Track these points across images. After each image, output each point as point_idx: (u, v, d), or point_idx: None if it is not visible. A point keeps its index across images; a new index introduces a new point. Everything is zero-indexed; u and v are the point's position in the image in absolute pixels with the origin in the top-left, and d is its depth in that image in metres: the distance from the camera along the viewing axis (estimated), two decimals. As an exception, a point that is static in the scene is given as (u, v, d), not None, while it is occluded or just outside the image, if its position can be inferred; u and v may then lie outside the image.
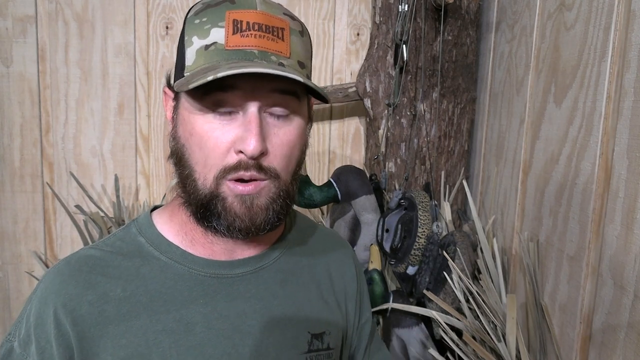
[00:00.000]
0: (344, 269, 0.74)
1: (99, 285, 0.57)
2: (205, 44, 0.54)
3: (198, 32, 0.55)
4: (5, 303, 1.37)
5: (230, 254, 0.63)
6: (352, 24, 1.37)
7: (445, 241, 1.09)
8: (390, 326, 1.12)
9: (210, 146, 0.55)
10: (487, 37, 1.26)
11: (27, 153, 1.33)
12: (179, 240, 0.62)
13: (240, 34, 0.53)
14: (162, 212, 0.66)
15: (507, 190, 1.10)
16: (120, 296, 0.57)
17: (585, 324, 0.79)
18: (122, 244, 0.62)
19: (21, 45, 1.30)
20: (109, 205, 1.36)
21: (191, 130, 0.56)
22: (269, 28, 0.55)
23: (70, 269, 0.58)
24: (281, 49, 0.55)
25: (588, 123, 0.80)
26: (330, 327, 0.67)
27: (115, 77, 1.34)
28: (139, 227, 0.63)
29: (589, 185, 0.79)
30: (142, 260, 0.60)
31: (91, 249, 0.61)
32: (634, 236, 0.68)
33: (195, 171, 0.57)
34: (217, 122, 0.55)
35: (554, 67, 0.92)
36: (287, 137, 0.57)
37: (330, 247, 0.75)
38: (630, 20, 0.71)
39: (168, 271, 0.60)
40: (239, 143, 0.54)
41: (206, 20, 0.54)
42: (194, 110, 0.56)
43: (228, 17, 0.54)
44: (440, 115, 1.24)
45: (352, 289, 0.74)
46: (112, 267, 0.59)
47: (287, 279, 0.66)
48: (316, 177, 1.42)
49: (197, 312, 0.59)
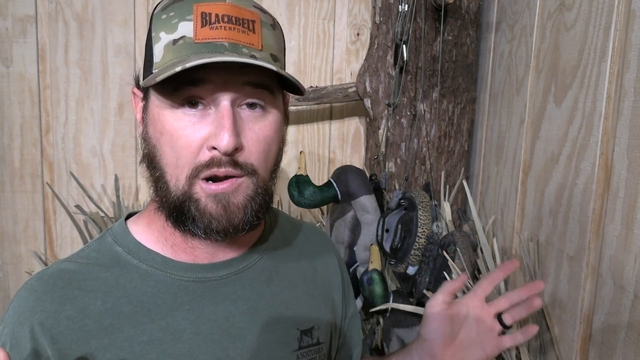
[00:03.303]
0: (327, 260, 0.74)
1: (77, 299, 0.55)
2: (173, 39, 0.52)
3: (165, 27, 0.53)
4: (5, 303, 1.37)
5: (212, 257, 0.61)
6: (352, 24, 1.37)
7: (445, 241, 1.09)
8: (390, 326, 1.12)
9: (182, 145, 0.53)
10: (487, 37, 1.26)
11: (27, 153, 1.33)
12: (159, 247, 0.60)
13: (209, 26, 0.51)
14: (138, 220, 0.63)
15: (507, 190, 1.10)
16: (101, 309, 0.54)
17: (585, 324, 0.79)
18: (98, 255, 0.59)
19: (21, 45, 1.30)
20: (109, 205, 1.36)
21: (161, 129, 0.54)
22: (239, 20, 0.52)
23: (44, 285, 0.55)
24: (252, 41, 0.53)
25: (588, 123, 0.80)
26: (319, 321, 0.67)
27: (115, 77, 1.34)
28: (114, 236, 0.61)
29: (589, 185, 0.79)
30: (120, 270, 0.57)
31: (64, 262, 0.58)
32: (634, 236, 0.68)
33: (167, 172, 0.55)
34: (188, 119, 0.53)
35: (554, 67, 0.92)
36: (263, 132, 0.55)
37: (312, 242, 0.74)
38: (630, 20, 0.71)
39: (149, 279, 0.57)
40: (212, 139, 0.52)
41: (173, 15, 0.52)
42: (163, 107, 0.54)
43: (196, 10, 0.52)
44: (440, 115, 1.24)
45: (336, 280, 0.74)
46: (89, 279, 0.56)
47: (272, 277, 0.65)
48: (316, 177, 1.42)
49: (184, 319, 0.57)
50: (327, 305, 0.70)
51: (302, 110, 1.38)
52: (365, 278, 1.11)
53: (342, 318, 0.74)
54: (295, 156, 1.37)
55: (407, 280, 1.13)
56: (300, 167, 1.19)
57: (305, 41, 1.36)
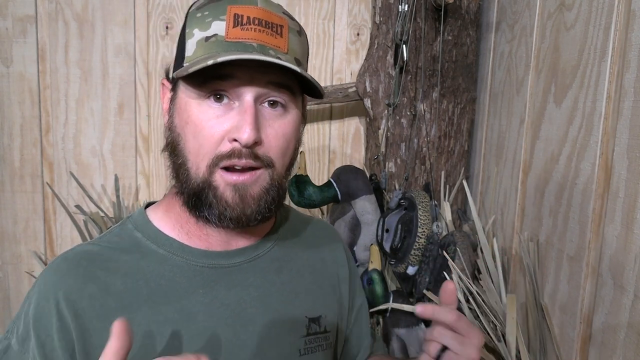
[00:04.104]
0: (335, 253, 0.76)
1: (100, 278, 0.58)
2: (206, 36, 0.55)
3: (199, 24, 0.56)
4: (5, 303, 1.37)
5: (226, 245, 0.64)
6: (352, 24, 1.37)
7: (445, 241, 1.09)
8: (390, 326, 1.12)
9: (205, 135, 0.56)
10: (487, 37, 1.26)
11: (27, 153, 1.33)
12: (175, 233, 0.63)
13: (241, 27, 0.55)
14: (157, 208, 0.67)
15: (507, 190, 1.10)
16: (121, 289, 0.58)
17: (585, 324, 0.79)
18: (120, 239, 0.62)
19: (21, 45, 1.30)
20: (109, 205, 1.36)
21: (187, 119, 0.57)
22: (268, 24, 0.56)
23: (69, 264, 0.59)
24: (279, 44, 0.57)
25: (588, 123, 0.80)
26: (326, 311, 0.69)
27: (115, 77, 1.34)
28: (134, 223, 0.64)
29: (589, 185, 0.79)
30: (140, 254, 0.61)
31: (88, 244, 0.62)
32: (634, 236, 0.68)
33: (189, 160, 0.58)
34: (213, 112, 0.56)
35: (554, 67, 0.92)
36: (282, 129, 0.58)
37: (320, 235, 0.77)
38: (630, 20, 0.71)
39: (166, 264, 0.61)
40: (234, 131, 0.55)
41: (208, 14, 0.56)
42: (191, 99, 0.57)
43: (229, 11, 0.55)
44: (440, 115, 1.24)
45: (343, 272, 0.76)
46: (111, 261, 0.60)
47: (282, 267, 0.68)
48: (316, 177, 1.42)
49: (198, 302, 0.60)
50: (334, 296, 0.73)
51: (302, 110, 1.38)
52: (365, 278, 1.11)
53: (348, 310, 0.76)
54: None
55: (407, 280, 1.13)
56: (300, 167, 1.19)
57: (305, 41, 1.36)
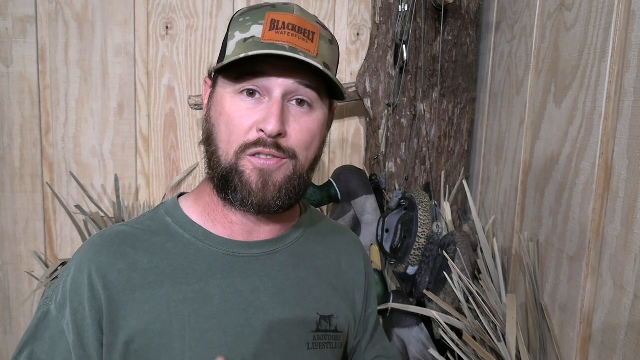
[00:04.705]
0: (354, 260, 0.78)
1: (129, 256, 0.63)
2: (245, 37, 0.61)
3: (240, 28, 0.62)
4: (5, 303, 1.37)
5: (248, 235, 0.68)
6: (352, 24, 1.37)
7: (445, 241, 1.09)
8: (390, 326, 1.12)
9: (236, 124, 0.61)
10: (487, 37, 1.26)
11: (27, 153, 1.33)
12: (202, 220, 0.68)
13: (276, 30, 0.61)
14: (189, 197, 0.72)
15: (507, 190, 1.10)
16: (147, 267, 0.63)
17: (585, 324, 0.79)
18: (151, 222, 0.68)
19: (21, 45, 1.30)
20: (109, 205, 1.36)
21: (221, 111, 0.63)
22: (301, 30, 0.62)
23: (103, 241, 0.65)
24: (310, 48, 0.61)
25: (588, 123, 0.80)
26: (338, 312, 0.71)
27: (115, 77, 1.34)
28: (166, 208, 0.69)
29: (589, 185, 0.79)
30: (168, 237, 0.66)
31: (123, 225, 0.68)
32: (634, 236, 0.68)
33: (220, 148, 0.63)
34: (245, 105, 0.61)
35: (554, 67, 0.92)
36: (307, 125, 0.63)
37: (342, 240, 0.79)
38: (630, 20, 0.71)
39: (191, 247, 0.65)
40: (261, 122, 0.60)
41: (249, 19, 0.62)
42: (226, 93, 0.63)
43: (267, 17, 0.61)
44: (440, 115, 1.24)
45: (360, 281, 0.78)
46: (141, 241, 0.65)
47: (300, 263, 0.70)
48: (316, 177, 1.42)
49: (215, 286, 0.63)
50: (347, 300, 0.74)
51: (302, 110, 1.38)
52: (365, 278, 1.11)
53: (361, 317, 0.78)
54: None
55: (407, 280, 1.13)
56: (300, 167, 1.19)
57: (305, 41, 1.36)
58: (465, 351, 0.97)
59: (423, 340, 1.09)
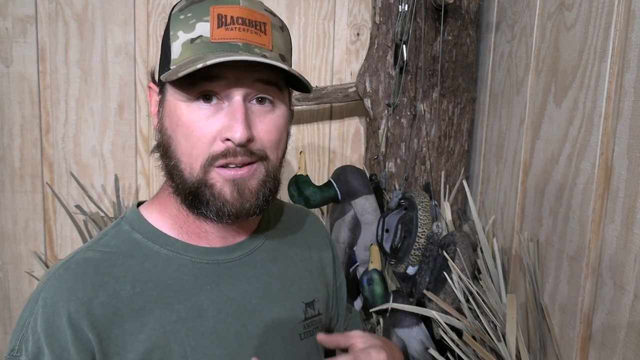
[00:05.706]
0: (318, 239, 0.79)
1: (108, 285, 0.57)
2: (191, 38, 0.56)
3: (183, 26, 0.56)
4: (5, 303, 1.37)
5: (224, 241, 0.65)
6: (352, 24, 1.37)
7: (445, 241, 1.09)
8: (390, 326, 1.12)
9: (197, 136, 0.56)
10: (487, 37, 1.26)
11: (27, 153, 1.33)
12: (175, 233, 0.63)
13: (225, 27, 0.55)
14: (151, 207, 0.65)
15: (507, 190, 1.10)
16: (131, 293, 0.58)
17: (585, 324, 0.79)
18: (117, 242, 0.61)
19: (21, 45, 1.30)
20: (109, 205, 1.36)
21: (177, 121, 0.57)
22: (252, 22, 0.57)
23: (74, 273, 0.57)
24: (264, 42, 0.57)
25: (588, 123, 0.80)
26: (318, 294, 0.73)
27: (115, 77, 1.34)
28: (130, 224, 0.63)
29: (589, 185, 0.79)
30: (143, 256, 0.61)
31: (87, 251, 0.60)
32: (634, 236, 0.68)
33: (182, 162, 0.58)
34: (203, 113, 0.56)
35: (554, 67, 0.92)
36: (274, 123, 0.60)
37: (302, 221, 0.80)
38: (630, 20, 0.71)
39: (171, 263, 0.61)
40: (225, 131, 0.56)
41: (191, 16, 0.56)
42: (180, 101, 0.57)
43: (212, 11, 0.55)
44: (440, 115, 1.24)
45: (328, 257, 0.79)
46: (116, 266, 0.59)
47: (277, 256, 0.70)
48: (316, 177, 1.42)
49: (206, 298, 0.61)
50: (322, 280, 0.76)
51: (302, 110, 1.38)
52: (365, 278, 1.11)
53: (333, 290, 0.80)
54: (295, 156, 1.37)
55: (407, 280, 1.13)
56: (300, 167, 1.19)
57: (305, 41, 1.36)
58: (465, 351, 0.97)
59: (423, 340, 1.09)
